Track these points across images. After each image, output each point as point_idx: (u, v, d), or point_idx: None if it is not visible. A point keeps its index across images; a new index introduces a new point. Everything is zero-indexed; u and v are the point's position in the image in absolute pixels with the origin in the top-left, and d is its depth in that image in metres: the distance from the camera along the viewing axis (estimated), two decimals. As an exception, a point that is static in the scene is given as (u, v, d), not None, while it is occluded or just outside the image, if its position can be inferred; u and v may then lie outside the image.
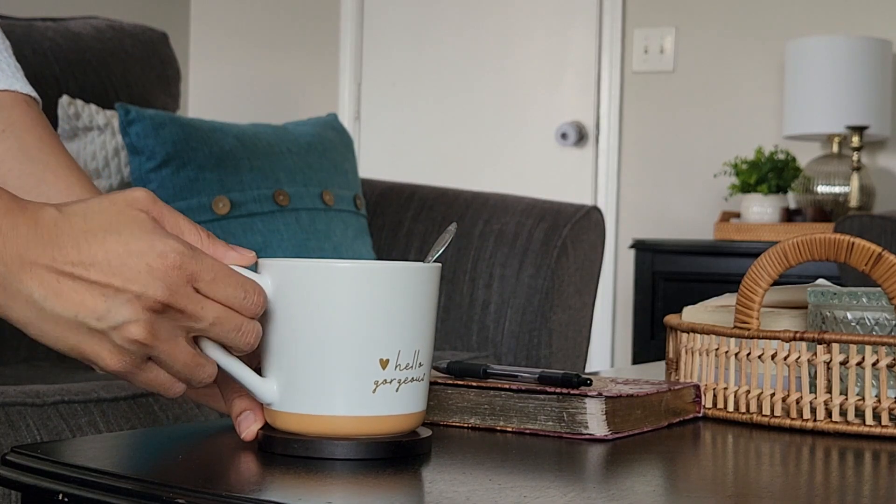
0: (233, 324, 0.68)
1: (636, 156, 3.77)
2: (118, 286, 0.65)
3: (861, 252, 0.82)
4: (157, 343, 0.67)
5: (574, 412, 0.79)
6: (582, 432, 0.79)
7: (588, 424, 0.78)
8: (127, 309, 0.66)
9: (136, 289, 0.65)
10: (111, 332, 0.66)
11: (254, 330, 0.69)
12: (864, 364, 0.82)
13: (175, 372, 0.69)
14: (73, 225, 0.67)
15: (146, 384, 0.70)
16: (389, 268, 0.71)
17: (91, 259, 0.66)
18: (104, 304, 0.66)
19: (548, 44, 3.87)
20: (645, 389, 0.83)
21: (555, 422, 0.79)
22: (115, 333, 0.66)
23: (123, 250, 0.66)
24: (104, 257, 0.66)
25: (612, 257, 3.75)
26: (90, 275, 0.66)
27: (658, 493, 0.67)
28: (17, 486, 0.68)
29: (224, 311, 0.68)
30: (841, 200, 3.30)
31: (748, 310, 0.86)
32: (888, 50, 3.28)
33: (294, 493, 0.64)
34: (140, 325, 0.66)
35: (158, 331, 0.66)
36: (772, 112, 3.55)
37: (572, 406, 0.79)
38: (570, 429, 0.79)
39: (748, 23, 3.60)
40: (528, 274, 1.89)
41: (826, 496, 0.67)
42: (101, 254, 0.66)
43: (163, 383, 0.70)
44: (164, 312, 0.66)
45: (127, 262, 0.66)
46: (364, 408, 0.69)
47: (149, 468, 0.68)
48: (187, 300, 0.66)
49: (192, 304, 0.67)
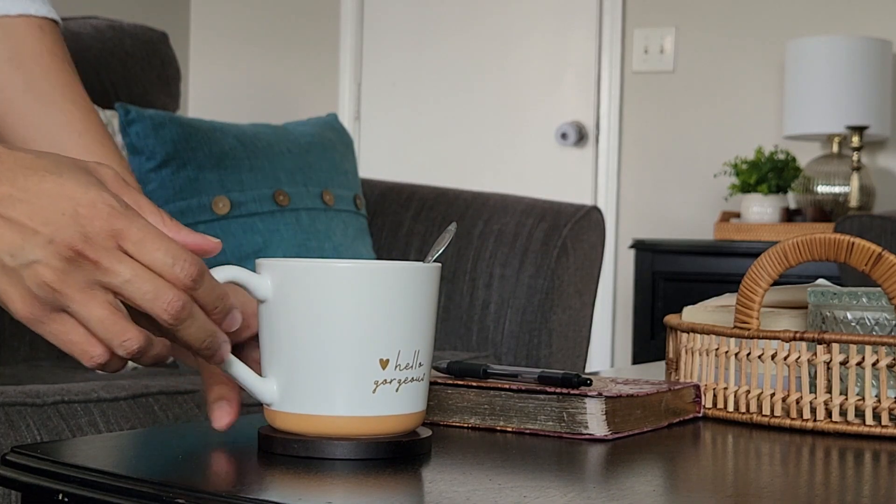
0: (150, 286, 0.64)
1: (636, 156, 3.77)
2: (36, 227, 0.64)
3: (861, 252, 0.82)
4: (67, 290, 0.64)
5: (574, 412, 0.79)
6: (582, 432, 0.79)
7: (588, 424, 0.79)
8: (40, 250, 0.64)
9: (50, 232, 0.63)
10: (23, 270, 0.64)
11: (179, 301, 0.65)
12: (864, 364, 0.82)
13: (92, 329, 0.65)
14: (17, 160, 0.66)
15: (57, 338, 0.66)
16: (389, 268, 0.71)
17: (21, 195, 0.64)
18: (20, 241, 0.64)
19: (548, 44, 3.87)
20: (645, 389, 0.83)
21: (555, 422, 0.79)
22: (26, 273, 0.64)
23: (56, 191, 0.64)
24: (34, 195, 0.64)
25: (612, 257, 3.75)
26: (13, 211, 0.64)
27: (658, 493, 0.67)
28: (17, 486, 0.68)
29: (144, 271, 0.64)
30: (841, 200, 3.30)
31: (748, 310, 0.86)
32: (888, 50, 3.28)
33: (294, 493, 0.64)
34: (49, 268, 0.63)
35: (69, 278, 0.64)
36: (772, 112, 3.55)
37: (572, 406, 0.79)
38: (570, 429, 0.79)
39: (748, 23, 3.60)
40: (528, 274, 1.89)
41: (826, 496, 0.67)
42: (32, 190, 0.64)
43: (75, 341, 0.65)
44: (77, 261, 0.64)
45: (54, 204, 0.64)
46: (364, 408, 0.69)
47: (149, 468, 0.68)
48: (103, 253, 0.64)
49: (108, 258, 0.64)
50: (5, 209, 0.64)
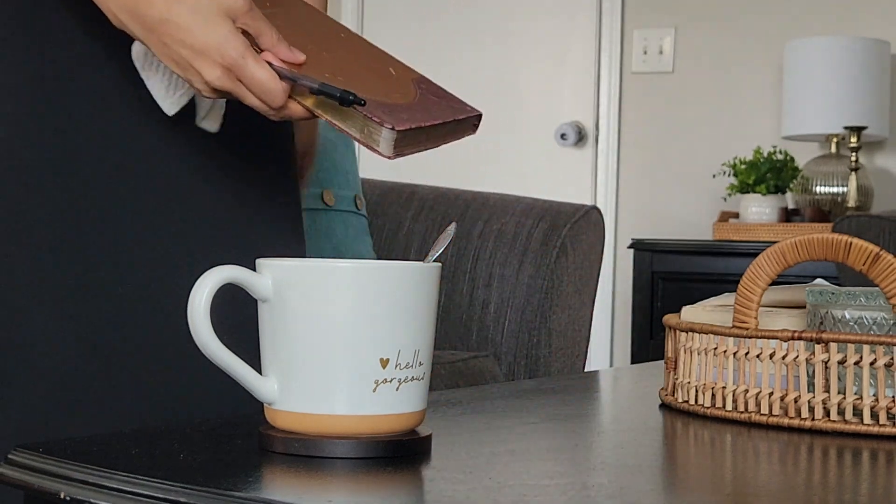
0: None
1: (635, 156, 3.77)
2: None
3: (859, 252, 0.83)
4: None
5: (373, 132, 0.93)
6: (374, 148, 0.93)
7: (380, 146, 0.93)
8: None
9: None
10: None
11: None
12: (861, 363, 0.82)
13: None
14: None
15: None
16: (389, 268, 0.71)
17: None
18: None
19: (547, 44, 3.88)
20: (434, 119, 0.96)
21: (357, 131, 0.94)
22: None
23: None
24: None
25: (612, 257, 3.76)
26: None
27: (657, 492, 0.67)
28: (19, 486, 0.69)
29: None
30: (839, 200, 3.30)
31: (747, 309, 0.87)
32: (886, 50, 3.28)
33: (294, 492, 0.64)
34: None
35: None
36: (770, 112, 3.56)
37: (372, 128, 0.93)
38: (367, 142, 0.93)
39: (747, 24, 3.60)
40: (528, 274, 1.89)
41: (824, 495, 0.67)
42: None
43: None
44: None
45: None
46: (364, 407, 0.70)
47: (150, 468, 0.69)
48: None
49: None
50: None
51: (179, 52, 0.92)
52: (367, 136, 0.93)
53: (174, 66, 0.94)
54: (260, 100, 0.93)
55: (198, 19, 0.91)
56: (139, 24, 0.93)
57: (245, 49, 0.92)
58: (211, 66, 0.91)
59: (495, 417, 0.88)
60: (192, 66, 0.92)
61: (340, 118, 0.94)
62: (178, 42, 0.92)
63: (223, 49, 0.91)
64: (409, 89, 1.03)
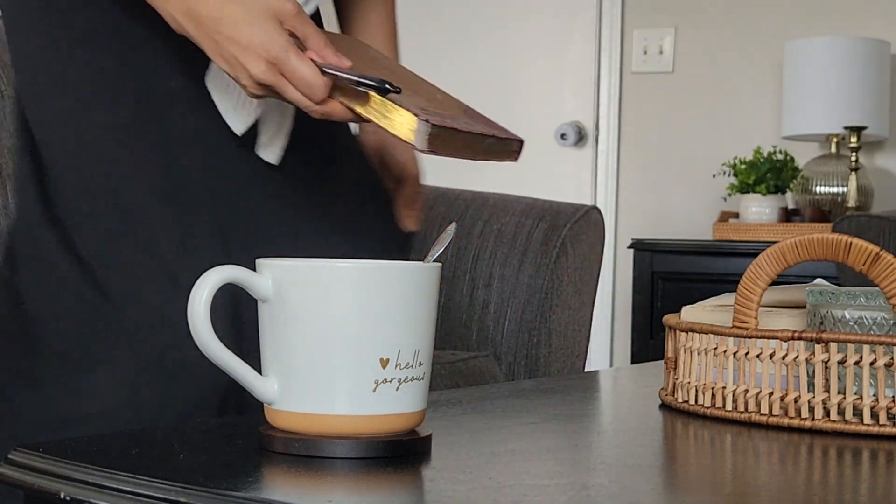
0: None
1: (635, 156, 3.77)
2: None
3: (859, 252, 0.83)
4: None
5: (409, 126, 0.94)
6: (407, 141, 0.94)
7: (413, 140, 0.94)
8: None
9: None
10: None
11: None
12: (861, 363, 0.82)
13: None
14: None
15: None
16: (389, 268, 0.71)
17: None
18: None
19: (547, 45, 3.88)
20: (473, 128, 0.95)
21: (395, 128, 0.95)
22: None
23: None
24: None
25: (611, 257, 3.76)
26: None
27: (657, 492, 0.67)
28: (19, 486, 0.69)
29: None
30: (839, 200, 3.30)
31: (747, 309, 0.87)
32: (886, 50, 3.28)
33: (295, 492, 0.64)
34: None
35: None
36: (770, 112, 3.56)
37: (408, 121, 0.94)
38: (403, 137, 0.94)
39: (747, 24, 3.60)
40: (528, 274, 1.89)
41: (824, 495, 0.67)
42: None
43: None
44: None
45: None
46: (364, 407, 0.70)
47: (149, 468, 0.69)
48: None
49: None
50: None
51: (229, 48, 0.98)
52: (405, 133, 0.96)
53: (224, 63, 1.00)
54: (302, 94, 0.97)
55: (246, 18, 0.98)
56: (194, 24, 0.99)
57: (288, 45, 0.97)
58: (256, 60, 0.97)
59: (495, 417, 0.88)
60: (239, 60, 0.98)
61: (380, 115, 0.97)
62: (227, 39, 0.98)
63: (267, 44, 0.97)
64: (454, 107, 1.05)
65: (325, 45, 0.98)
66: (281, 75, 0.98)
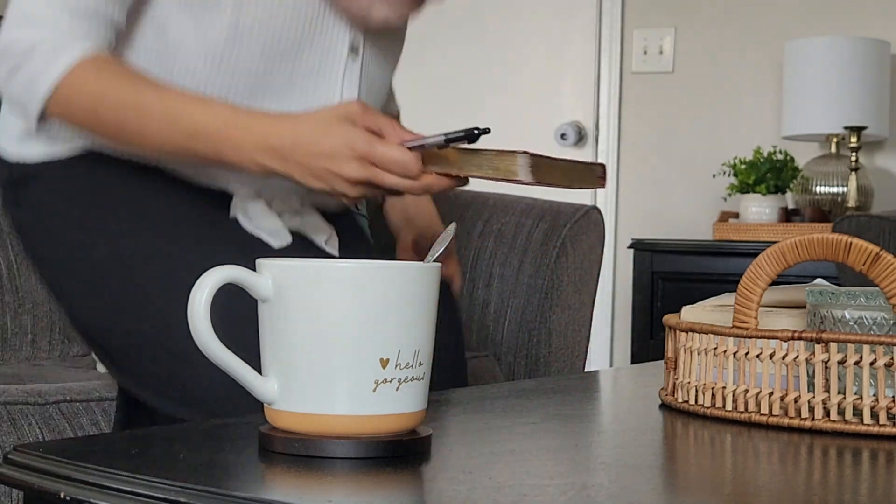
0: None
1: (635, 156, 3.77)
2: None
3: (859, 252, 0.83)
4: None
5: (509, 164, 1.01)
6: (513, 179, 1.01)
7: (518, 173, 1.01)
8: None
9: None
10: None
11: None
12: (861, 363, 0.82)
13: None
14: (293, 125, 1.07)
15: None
16: (389, 268, 0.71)
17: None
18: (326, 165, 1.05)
19: (547, 45, 3.88)
20: (559, 157, 1.06)
21: (494, 171, 1.02)
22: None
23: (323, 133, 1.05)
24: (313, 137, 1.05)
25: (611, 257, 3.76)
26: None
27: (657, 492, 0.67)
28: (19, 485, 0.69)
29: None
30: (839, 200, 3.30)
31: (747, 309, 0.87)
32: (886, 51, 3.28)
33: (295, 492, 0.64)
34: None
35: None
36: (770, 112, 3.56)
37: (508, 160, 1.02)
38: (505, 176, 1.01)
39: (747, 24, 3.60)
40: (528, 273, 1.89)
41: (824, 495, 0.67)
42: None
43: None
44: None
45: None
46: (364, 407, 0.70)
47: (149, 468, 0.69)
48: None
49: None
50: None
51: (317, 164, 1.02)
52: (505, 171, 1.02)
53: (318, 182, 1.03)
54: (398, 175, 1.02)
55: (322, 131, 1.02)
56: (277, 159, 1.03)
57: (370, 137, 1.01)
58: (346, 162, 1.01)
59: (495, 417, 0.88)
60: (331, 171, 1.02)
61: (476, 167, 1.03)
62: (312, 157, 1.02)
63: (351, 143, 1.01)
64: (521, 151, 1.12)
65: (401, 128, 1.03)
66: (373, 166, 1.01)
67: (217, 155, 1.07)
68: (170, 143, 1.09)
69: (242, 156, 1.05)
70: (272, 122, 1.06)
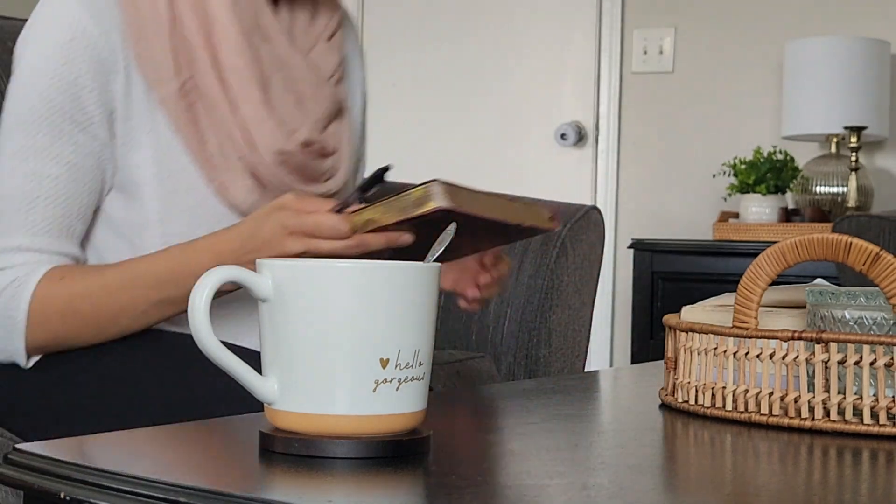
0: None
1: (635, 156, 3.77)
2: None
3: (859, 252, 0.83)
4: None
5: (425, 195, 1.03)
6: (433, 209, 1.02)
7: (433, 199, 1.02)
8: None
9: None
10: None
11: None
12: (861, 363, 0.82)
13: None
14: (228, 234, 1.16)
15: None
16: (389, 268, 0.71)
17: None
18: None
19: (547, 45, 3.88)
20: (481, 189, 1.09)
21: (418, 206, 1.03)
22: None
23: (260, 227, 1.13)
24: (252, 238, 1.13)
25: (611, 257, 3.76)
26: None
27: (657, 492, 0.67)
28: (19, 485, 0.69)
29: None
30: (839, 200, 3.30)
31: (747, 309, 0.87)
32: (886, 51, 3.28)
33: (295, 492, 0.64)
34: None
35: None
36: (770, 112, 3.56)
37: (423, 192, 1.03)
38: (425, 208, 1.02)
39: (747, 24, 3.60)
40: (528, 274, 1.89)
41: (824, 495, 0.67)
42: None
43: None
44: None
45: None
46: (364, 407, 0.70)
47: (149, 468, 0.69)
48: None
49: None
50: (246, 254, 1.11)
51: (263, 254, 1.09)
52: (423, 202, 1.04)
53: None
54: (332, 238, 1.07)
55: (259, 223, 1.10)
56: (231, 262, 1.07)
57: (298, 212, 1.08)
58: (283, 240, 1.08)
59: (495, 417, 0.88)
60: (275, 255, 1.08)
61: (399, 210, 1.06)
62: (256, 249, 1.10)
63: (282, 223, 1.08)
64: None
65: (322, 201, 1.09)
66: (308, 238, 1.07)
67: (189, 289, 1.14)
68: (145, 302, 1.15)
69: (199, 271, 1.13)
70: (217, 234, 1.14)
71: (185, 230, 1.19)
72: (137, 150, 1.18)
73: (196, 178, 1.19)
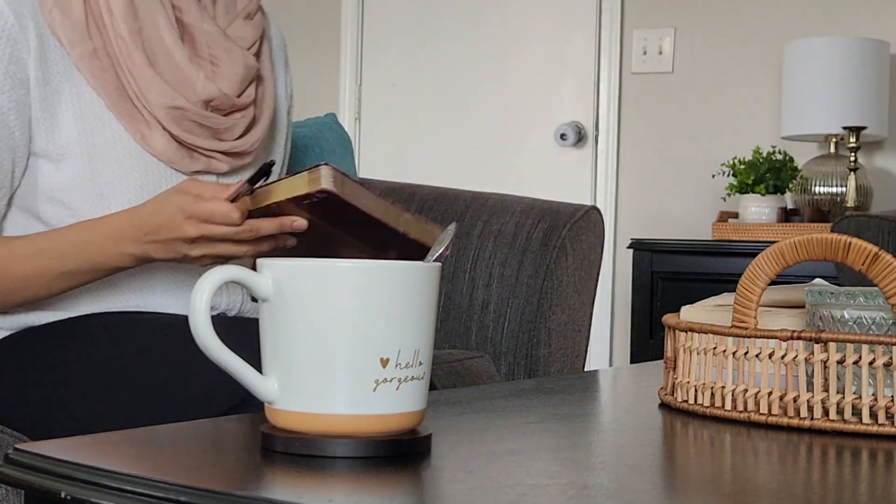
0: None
1: (635, 156, 3.77)
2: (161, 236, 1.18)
3: (858, 252, 0.83)
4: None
5: (315, 177, 1.10)
6: (320, 186, 1.09)
7: (321, 181, 1.09)
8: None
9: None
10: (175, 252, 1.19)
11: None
12: (860, 363, 0.83)
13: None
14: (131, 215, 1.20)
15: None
16: (389, 268, 0.71)
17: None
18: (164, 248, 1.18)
19: (547, 45, 3.88)
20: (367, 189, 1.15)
21: (308, 186, 1.10)
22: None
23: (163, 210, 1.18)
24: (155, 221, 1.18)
25: (611, 257, 3.76)
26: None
27: (657, 492, 0.67)
28: (19, 485, 0.69)
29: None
30: (838, 200, 3.30)
31: (746, 309, 0.87)
32: (885, 51, 3.28)
33: (295, 492, 0.64)
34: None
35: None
36: (770, 113, 3.56)
37: (314, 175, 1.10)
38: (312, 187, 1.09)
39: (746, 24, 3.60)
40: (528, 274, 1.89)
41: (823, 494, 0.67)
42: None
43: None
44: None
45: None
46: (365, 406, 0.70)
47: (149, 467, 0.69)
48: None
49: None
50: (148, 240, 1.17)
51: (164, 237, 1.14)
52: (315, 182, 1.10)
53: (169, 252, 1.17)
54: (225, 224, 1.12)
55: (159, 205, 1.16)
56: (134, 242, 1.17)
57: (195, 198, 1.13)
58: (181, 224, 1.13)
59: (495, 417, 0.88)
60: (172, 237, 1.15)
61: (290, 187, 1.12)
62: (156, 232, 1.15)
63: (180, 206, 1.13)
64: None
65: (219, 188, 1.14)
66: (203, 223, 1.12)
67: (91, 265, 1.20)
68: (48, 273, 1.20)
69: (110, 255, 1.18)
70: (121, 215, 1.20)
71: (116, 182, 1.25)
72: (62, 111, 1.24)
73: (119, 130, 1.26)
